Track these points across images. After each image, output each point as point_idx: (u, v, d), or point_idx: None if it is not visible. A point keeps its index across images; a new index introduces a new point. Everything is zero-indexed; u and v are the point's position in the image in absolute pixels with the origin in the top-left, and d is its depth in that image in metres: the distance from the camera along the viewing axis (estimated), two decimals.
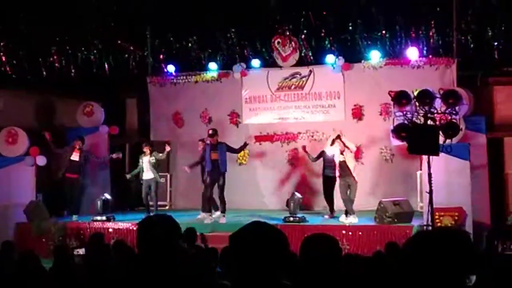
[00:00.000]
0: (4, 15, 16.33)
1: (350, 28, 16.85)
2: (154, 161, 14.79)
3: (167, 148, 15.04)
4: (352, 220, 13.38)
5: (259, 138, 17.25)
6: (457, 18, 15.70)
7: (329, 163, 14.24)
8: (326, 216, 14.42)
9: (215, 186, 14.01)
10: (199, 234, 10.16)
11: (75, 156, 15.29)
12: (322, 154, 14.52)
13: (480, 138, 14.64)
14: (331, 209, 14.52)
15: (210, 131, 14.15)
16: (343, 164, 13.59)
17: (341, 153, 13.61)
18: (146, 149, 14.95)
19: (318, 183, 15.56)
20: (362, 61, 16.45)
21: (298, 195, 13.88)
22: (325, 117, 16.75)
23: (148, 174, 14.82)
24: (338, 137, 13.84)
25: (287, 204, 13.75)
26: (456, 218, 12.60)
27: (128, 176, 15.33)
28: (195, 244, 9.62)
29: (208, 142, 14.13)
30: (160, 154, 14.93)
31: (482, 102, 15.71)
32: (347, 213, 13.62)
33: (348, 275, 6.24)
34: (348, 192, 13.64)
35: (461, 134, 12.56)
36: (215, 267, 7.37)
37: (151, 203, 14.92)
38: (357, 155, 16.34)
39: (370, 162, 16.32)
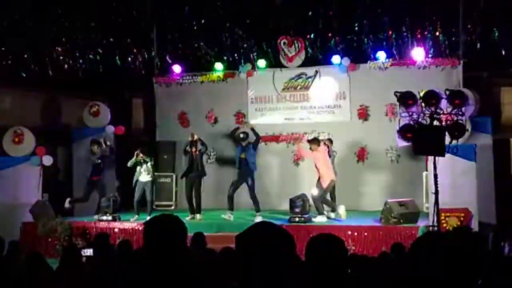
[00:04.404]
0: (10, 14, 16.38)
1: (356, 28, 16.83)
2: (151, 167, 14.85)
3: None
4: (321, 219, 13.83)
5: (265, 139, 17.26)
6: (464, 18, 15.66)
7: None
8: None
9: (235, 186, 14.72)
10: None
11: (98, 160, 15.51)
12: None
13: (486, 139, 14.60)
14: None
15: (242, 135, 14.82)
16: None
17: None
18: (139, 155, 14.90)
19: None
20: (368, 61, 16.45)
21: (304, 195, 13.89)
22: (331, 118, 16.76)
23: (145, 177, 14.82)
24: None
25: (291, 205, 13.77)
26: (462, 219, 12.57)
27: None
28: (204, 247, 9.61)
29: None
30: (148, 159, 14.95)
31: (488, 103, 15.69)
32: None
33: (354, 275, 6.25)
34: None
35: (467, 135, 12.55)
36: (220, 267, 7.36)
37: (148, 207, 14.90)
38: (361, 156, 16.40)
39: (376, 163, 16.32)
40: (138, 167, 14.81)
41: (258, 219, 13.91)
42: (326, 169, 14.01)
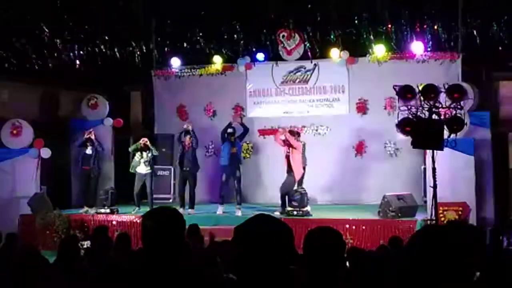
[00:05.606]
0: (10, 8, 16.33)
1: (355, 22, 16.79)
2: (151, 156, 14.80)
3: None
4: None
5: (263, 132, 17.26)
6: (463, 12, 15.64)
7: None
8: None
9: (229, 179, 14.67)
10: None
11: (89, 150, 15.39)
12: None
13: (484, 133, 14.62)
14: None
15: (230, 130, 14.59)
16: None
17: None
18: (144, 144, 14.84)
19: (322, 177, 15.65)
20: (367, 55, 16.43)
21: (302, 189, 13.89)
22: (329, 111, 16.75)
23: (144, 168, 14.76)
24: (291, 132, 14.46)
25: (289, 198, 13.76)
26: (460, 213, 12.59)
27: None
28: (198, 239, 9.61)
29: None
30: (154, 150, 14.92)
31: (487, 97, 15.70)
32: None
33: (352, 269, 6.25)
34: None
35: (466, 129, 12.54)
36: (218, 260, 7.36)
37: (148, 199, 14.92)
38: (360, 149, 16.40)
39: (374, 157, 16.31)
40: (137, 157, 14.78)
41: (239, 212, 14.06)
42: (298, 164, 14.03)
